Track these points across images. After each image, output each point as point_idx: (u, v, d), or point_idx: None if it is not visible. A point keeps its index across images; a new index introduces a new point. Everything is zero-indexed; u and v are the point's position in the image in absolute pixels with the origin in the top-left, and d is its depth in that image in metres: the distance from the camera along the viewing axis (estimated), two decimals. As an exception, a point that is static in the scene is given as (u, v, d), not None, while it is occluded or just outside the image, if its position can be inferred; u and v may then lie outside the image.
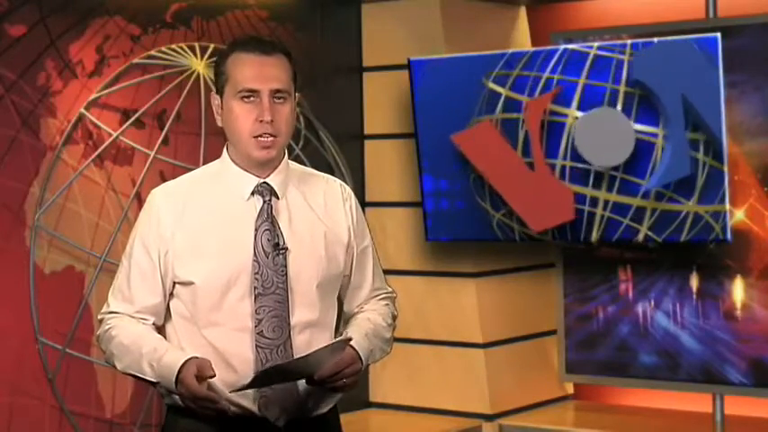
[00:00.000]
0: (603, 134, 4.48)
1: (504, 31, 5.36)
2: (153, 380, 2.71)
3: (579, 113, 4.56)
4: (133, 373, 2.76)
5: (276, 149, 2.76)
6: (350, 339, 2.73)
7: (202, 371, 2.63)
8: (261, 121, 2.72)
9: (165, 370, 2.68)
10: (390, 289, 3.01)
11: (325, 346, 2.67)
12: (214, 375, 2.63)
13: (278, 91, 2.73)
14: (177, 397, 2.70)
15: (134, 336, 2.76)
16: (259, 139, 2.73)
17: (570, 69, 4.59)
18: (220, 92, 2.78)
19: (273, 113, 2.72)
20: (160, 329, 2.82)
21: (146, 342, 2.74)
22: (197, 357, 2.67)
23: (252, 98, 2.73)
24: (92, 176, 4.33)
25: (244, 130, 2.74)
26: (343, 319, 2.98)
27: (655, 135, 4.47)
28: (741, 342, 4.77)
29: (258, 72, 2.73)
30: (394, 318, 2.98)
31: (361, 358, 2.77)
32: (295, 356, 2.70)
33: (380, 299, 2.97)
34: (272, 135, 2.73)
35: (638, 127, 4.49)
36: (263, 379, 2.64)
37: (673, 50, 4.39)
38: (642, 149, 4.49)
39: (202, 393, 2.62)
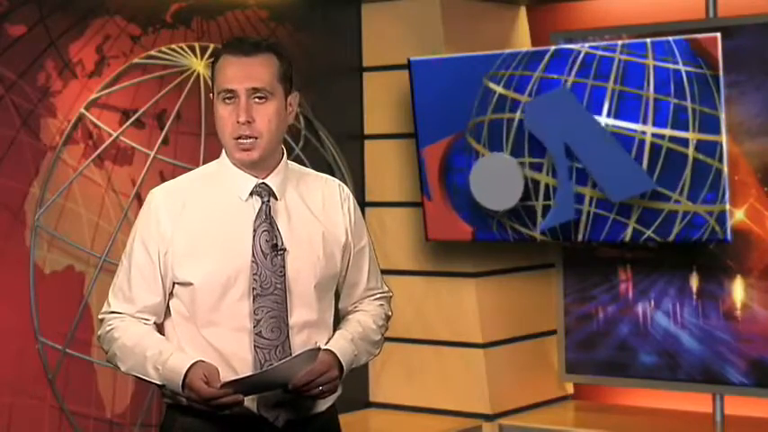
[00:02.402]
0: (496, 179, 4.68)
1: (504, 31, 5.36)
2: (158, 382, 2.72)
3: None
4: (137, 375, 2.76)
5: (258, 151, 2.74)
6: (319, 349, 2.72)
7: (211, 380, 2.63)
8: (239, 122, 2.72)
9: (170, 373, 2.68)
10: (386, 289, 3.01)
11: (295, 356, 2.66)
12: (221, 385, 2.63)
13: (256, 90, 2.72)
14: (179, 396, 2.71)
15: (137, 337, 2.76)
16: (238, 141, 2.73)
17: (570, 69, 4.59)
18: (212, 93, 2.79)
19: (252, 114, 2.71)
20: (159, 327, 2.82)
21: (149, 344, 2.74)
22: (203, 361, 2.68)
23: (232, 99, 2.72)
24: (92, 176, 4.33)
25: (225, 132, 2.75)
26: (340, 316, 2.98)
27: (661, 137, 4.48)
28: (741, 342, 4.77)
29: (236, 72, 2.72)
30: (387, 318, 2.98)
31: (341, 364, 2.76)
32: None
33: (375, 299, 2.97)
34: (250, 137, 2.72)
35: (640, 127, 4.50)
36: (236, 390, 2.63)
37: (554, 101, 4.54)
38: (644, 150, 4.50)
39: (215, 394, 2.62)
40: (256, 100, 2.72)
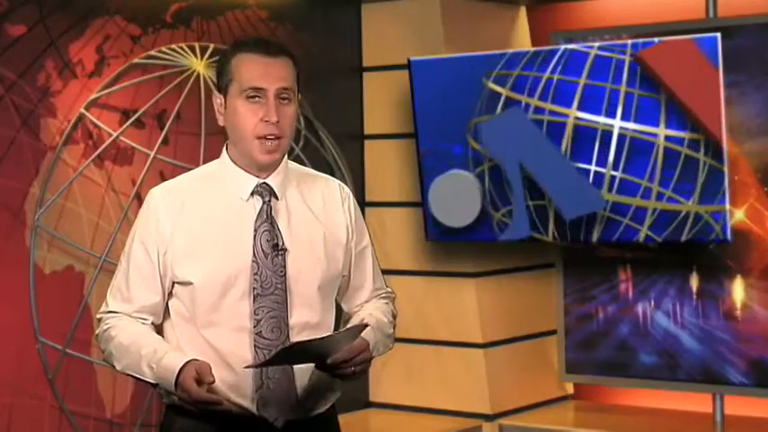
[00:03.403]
0: (454, 196, 4.82)
1: (504, 31, 5.36)
2: (152, 381, 2.72)
3: (579, 113, 4.57)
4: (132, 373, 2.76)
5: (280, 152, 2.76)
6: (366, 325, 2.71)
7: (202, 375, 2.62)
8: (266, 122, 2.71)
9: (164, 372, 2.68)
10: (390, 289, 3.01)
11: (345, 330, 2.66)
12: (213, 381, 2.62)
13: (284, 89, 2.72)
14: (176, 397, 2.71)
15: (133, 336, 2.76)
16: (264, 141, 2.73)
17: (570, 69, 4.59)
18: (223, 91, 2.77)
19: (279, 114, 2.72)
20: (158, 328, 2.82)
21: (145, 343, 2.74)
22: (197, 360, 2.67)
23: (258, 98, 2.72)
24: (92, 176, 4.33)
25: (247, 130, 2.73)
26: (343, 319, 2.98)
27: (655, 135, 4.48)
28: (741, 342, 4.76)
29: (264, 71, 2.72)
30: (394, 316, 2.98)
31: (369, 348, 2.76)
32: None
33: (380, 298, 2.97)
34: (276, 137, 2.72)
35: (638, 127, 4.50)
36: (283, 356, 2.62)
37: (508, 121, 4.65)
38: (642, 149, 4.50)
39: (203, 397, 2.62)
40: (280, 100, 2.73)
